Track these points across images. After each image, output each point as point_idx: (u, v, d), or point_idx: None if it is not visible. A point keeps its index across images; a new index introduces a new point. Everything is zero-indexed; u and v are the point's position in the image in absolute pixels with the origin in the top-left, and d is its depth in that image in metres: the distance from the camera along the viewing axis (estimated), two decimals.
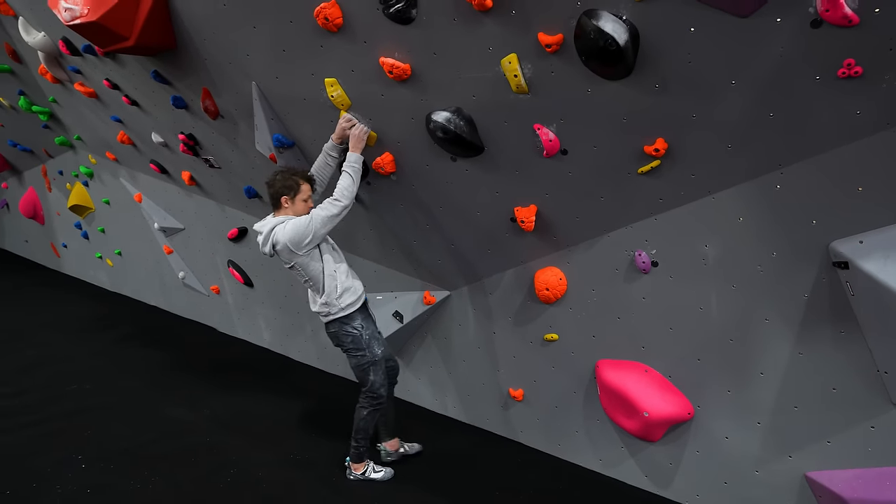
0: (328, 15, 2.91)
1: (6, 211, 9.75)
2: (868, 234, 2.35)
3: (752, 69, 2.28)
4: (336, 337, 3.45)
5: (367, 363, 3.42)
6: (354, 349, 3.41)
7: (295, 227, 3.15)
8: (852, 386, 2.61)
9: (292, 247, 3.15)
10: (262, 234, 3.27)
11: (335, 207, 3.15)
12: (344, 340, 3.42)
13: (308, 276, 3.30)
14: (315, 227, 3.14)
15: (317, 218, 3.14)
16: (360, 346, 3.40)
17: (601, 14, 2.37)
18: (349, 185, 3.17)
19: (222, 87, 3.78)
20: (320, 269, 3.29)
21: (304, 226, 3.14)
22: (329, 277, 3.31)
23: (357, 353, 3.41)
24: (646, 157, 2.71)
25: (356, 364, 3.45)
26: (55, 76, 5.37)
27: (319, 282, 3.31)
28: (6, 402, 4.67)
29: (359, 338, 3.40)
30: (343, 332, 3.40)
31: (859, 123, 2.23)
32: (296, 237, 3.14)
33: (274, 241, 3.20)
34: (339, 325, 3.39)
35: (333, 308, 3.36)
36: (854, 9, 2.01)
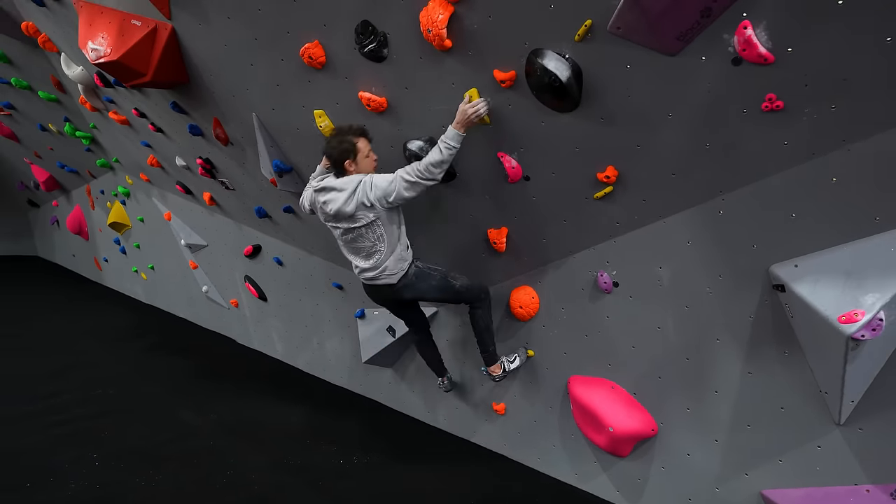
0: (312, 54, 3.20)
1: (56, 227, 10.45)
2: (803, 259, 2.45)
3: (685, 103, 2.44)
4: (412, 280, 3.33)
5: (440, 278, 3.37)
6: (429, 277, 3.35)
7: (381, 182, 3.01)
8: (799, 406, 2.69)
9: (380, 200, 3.02)
10: (344, 193, 3.07)
11: (420, 181, 2.95)
12: (418, 277, 3.33)
13: (390, 231, 3.17)
14: (397, 187, 2.98)
15: (401, 181, 2.97)
16: (431, 272, 3.37)
17: (546, 53, 2.57)
18: (438, 161, 2.89)
19: (229, 117, 4.12)
20: (403, 226, 3.26)
21: (389, 182, 2.99)
22: (405, 235, 3.29)
23: (434, 280, 3.36)
24: (599, 183, 2.88)
25: (439, 288, 3.38)
26: (93, 105, 5.86)
27: (401, 239, 3.24)
28: (37, 403, 5.08)
29: (424, 269, 3.36)
30: (413, 272, 3.32)
31: (787, 153, 2.35)
32: (383, 190, 3.00)
33: (362, 195, 3.02)
34: (410, 271, 3.31)
35: (411, 255, 3.33)
36: (768, 48, 2.16)
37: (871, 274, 2.22)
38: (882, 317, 2.17)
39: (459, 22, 2.69)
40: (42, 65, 6.06)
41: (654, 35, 2.29)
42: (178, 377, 5.78)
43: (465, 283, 3.44)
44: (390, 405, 4.98)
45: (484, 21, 2.63)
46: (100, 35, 3.95)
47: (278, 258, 5.39)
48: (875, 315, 2.16)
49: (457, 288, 3.41)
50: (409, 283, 3.35)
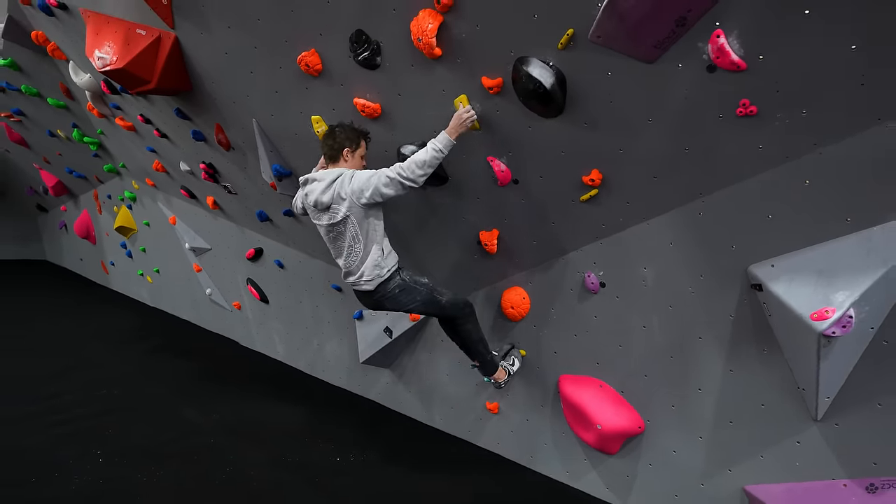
0: (308, 62, 3.31)
1: (64, 231, 10.63)
2: (779, 259, 2.54)
3: (664, 109, 2.53)
4: (394, 293, 3.30)
5: (426, 293, 3.34)
6: (414, 291, 3.32)
7: (360, 176, 3.04)
8: (778, 402, 2.76)
9: (356, 195, 3.03)
10: (323, 182, 3.12)
11: (399, 179, 2.94)
12: (402, 290, 3.30)
13: (366, 232, 3.16)
14: (375, 183, 2.98)
15: (380, 176, 2.98)
16: (416, 286, 3.33)
17: (531, 61, 2.67)
18: (422, 161, 2.90)
19: (231, 123, 4.24)
20: (382, 229, 3.24)
21: (367, 178, 3.01)
22: (386, 238, 3.29)
23: (419, 295, 3.33)
24: (585, 186, 2.97)
25: (424, 303, 3.36)
26: (100, 112, 6.01)
27: (376, 240, 3.21)
28: (42, 403, 5.19)
29: (408, 282, 3.32)
30: (398, 284, 3.29)
31: (762, 157, 2.44)
32: (359, 185, 3.01)
33: (339, 186, 3.06)
34: (392, 280, 3.29)
35: (390, 263, 3.29)
36: (741, 56, 2.25)
37: (842, 273, 2.30)
38: (852, 314, 2.24)
39: (448, 31, 2.79)
40: (51, 72, 6.21)
41: (632, 43, 2.39)
42: (181, 378, 5.88)
43: (450, 298, 3.42)
44: (387, 405, 5.07)
45: (472, 30, 2.74)
46: (106, 44, 4.09)
47: (279, 261, 5.50)
48: (845, 312, 2.24)
49: (442, 303, 3.39)
50: (391, 295, 3.32)
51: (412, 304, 3.37)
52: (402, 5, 2.83)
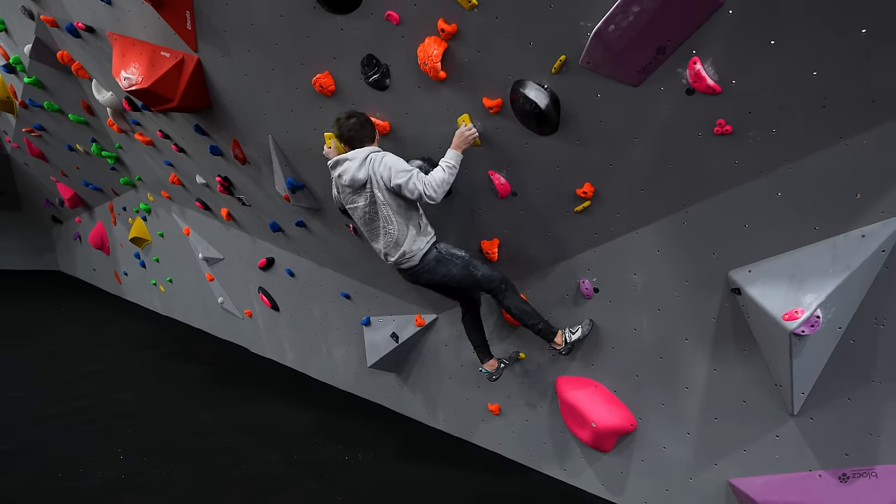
0: (323, 83, 3.58)
1: (79, 242, 10.91)
2: (755, 265, 2.75)
3: (649, 127, 2.77)
4: (431, 265, 3.40)
5: (462, 265, 3.42)
6: (450, 263, 3.41)
7: (396, 160, 3.19)
8: (758, 399, 2.97)
9: (387, 173, 3.16)
10: (356, 160, 3.22)
11: (423, 193, 3.10)
12: (438, 262, 3.39)
13: (400, 211, 3.27)
14: (410, 180, 3.12)
15: (413, 179, 3.11)
16: (453, 258, 3.42)
17: (527, 83, 2.92)
18: (441, 181, 3.11)
19: (247, 139, 4.51)
20: (416, 208, 3.37)
21: (403, 167, 3.16)
22: (422, 213, 3.43)
23: (455, 268, 3.41)
24: (578, 198, 3.20)
25: (460, 276, 3.43)
26: (120, 127, 6.30)
27: (413, 219, 3.33)
28: (66, 405, 5.42)
29: (444, 254, 3.42)
30: (435, 256, 3.39)
31: (738, 171, 2.67)
32: (395, 167, 3.15)
33: (372, 163, 3.19)
34: (430, 252, 3.39)
35: (428, 236, 3.40)
36: (716, 80, 2.49)
37: (811, 277, 2.51)
38: (819, 315, 2.46)
39: (452, 56, 3.05)
40: (73, 90, 6.51)
41: (618, 69, 2.63)
42: (195, 383, 6.11)
43: (486, 272, 3.46)
44: (394, 408, 5.28)
45: (473, 56, 2.99)
46: (132, 65, 4.37)
47: (290, 270, 5.73)
48: (813, 313, 2.45)
49: (477, 276, 3.43)
50: (428, 268, 3.39)
51: (448, 276, 3.43)
52: (410, 32, 3.09)
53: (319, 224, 4.80)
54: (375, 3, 3.09)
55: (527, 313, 3.52)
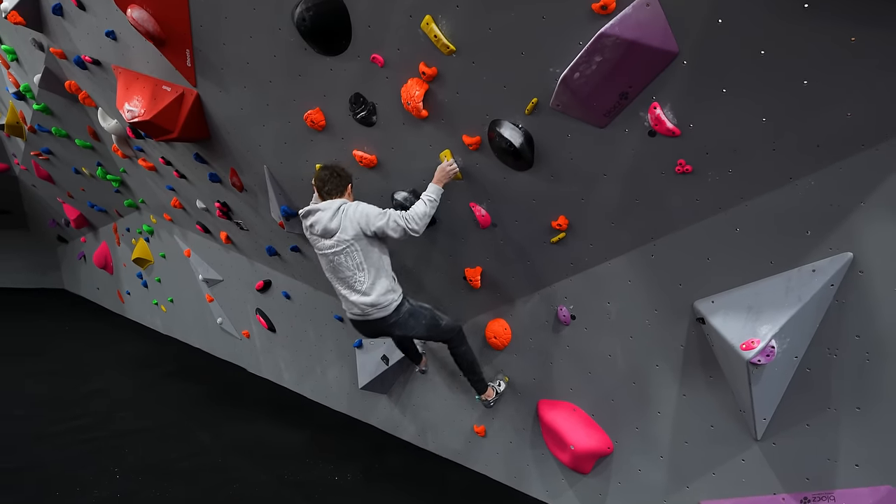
0: (314, 118, 3.77)
1: (83, 262, 11.13)
2: (718, 296, 2.90)
3: (615, 166, 2.93)
4: (405, 318, 3.56)
5: (430, 316, 3.67)
6: (420, 315, 3.63)
7: (370, 207, 3.34)
8: (725, 424, 3.09)
9: (364, 222, 3.30)
10: (328, 211, 3.35)
11: (405, 227, 3.25)
12: (411, 315, 3.58)
13: (371, 261, 3.39)
14: (387, 220, 3.27)
15: (391, 218, 3.27)
16: (422, 310, 3.66)
17: (503, 123, 3.10)
18: (423, 213, 3.26)
19: (244, 168, 4.70)
20: (387, 259, 3.49)
21: (379, 212, 3.32)
22: (390, 268, 3.53)
23: (424, 319, 3.64)
24: (554, 230, 3.36)
25: (427, 326, 3.66)
26: (124, 153, 6.52)
27: (384, 269, 3.45)
28: (67, 423, 5.57)
29: (415, 306, 3.64)
30: (408, 309, 3.57)
31: (699, 207, 2.82)
32: (369, 214, 3.30)
33: (344, 213, 3.33)
34: (403, 305, 3.55)
35: (399, 290, 3.56)
36: (675, 124, 2.66)
37: (766, 308, 2.65)
38: (774, 344, 2.59)
39: (433, 96, 3.23)
40: (80, 117, 6.74)
41: (585, 111, 2.81)
42: (193, 402, 6.25)
43: (449, 322, 3.77)
44: (385, 429, 5.39)
45: (453, 96, 3.17)
46: (135, 97, 4.58)
47: (286, 292, 5.90)
48: (768, 343, 2.58)
49: (443, 327, 3.73)
50: (401, 321, 3.55)
51: (418, 327, 3.64)
52: (394, 74, 3.28)
53: (313, 250, 4.97)
54: (362, 47, 3.28)
55: (474, 364, 3.88)
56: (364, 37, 3.23)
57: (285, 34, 3.45)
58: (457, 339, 3.85)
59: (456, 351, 3.88)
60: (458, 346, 3.86)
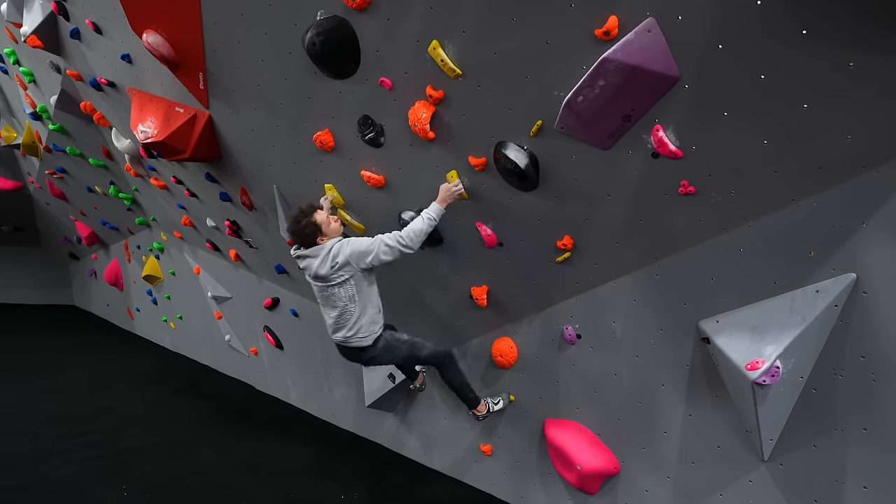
0: (323, 140, 3.84)
1: (94, 278, 11.24)
2: (722, 315, 2.91)
3: (620, 187, 2.97)
4: (380, 351, 3.64)
5: (408, 348, 3.71)
6: (396, 350, 3.68)
7: (359, 243, 3.35)
8: (731, 444, 3.09)
9: (355, 259, 3.33)
10: (318, 258, 3.41)
11: (399, 247, 3.29)
12: (387, 349, 3.64)
13: (362, 293, 3.45)
14: (377, 249, 3.31)
15: (381, 244, 3.31)
16: (398, 344, 3.70)
17: (508, 144, 3.15)
18: (419, 230, 3.29)
19: (254, 187, 4.78)
20: (376, 290, 3.55)
21: (368, 245, 3.33)
22: (378, 299, 3.59)
23: (400, 353, 3.70)
24: (559, 249, 3.39)
25: (405, 356, 3.74)
26: (137, 172, 6.63)
27: (370, 301, 3.52)
28: (74, 440, 5.61)
29: (390, 341, 3.68)
30: (384, 344, 3.63)
31: (703, 228, 2.85)
32: (360, 251, 3.33)
33: (335, 256, 3.35)
34: (380, 340, 3.61)
35: (381, 321, 3.62)
36: (677, 146, 2.70)
37: (771, 329, 2.67)
38: (779, 365, 2.60)
39: (440, 119, 3.29)
40: (94, 137, 6.88)
41: (589, 134, 2.85)
42: (200, 419, 6.28)
43: (430, 350, 3.77)
44: (391, 447, 5.39)
45: (459, 119, 3.23)
46: (149, 119, 4.69)
47: (294, 310, 5.94)
48: (773, 364, 2.59)
49: (422, 357, 3.77)
50: (378, 354, 3.65)
51: (395, 359, 3.77)
52: (401, 97, 3.35)
53: None
54: (370, 71, 3.36)
55: (464, 386, 3.87)
56: (373, 61, 3.31)
57: (296, 58, 3.54)
58: (443, 366, 3.83)
59: (444, 374, 3.88)
60: (444, 372, 3.86)
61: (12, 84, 7.71)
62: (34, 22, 5.33)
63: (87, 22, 4.73)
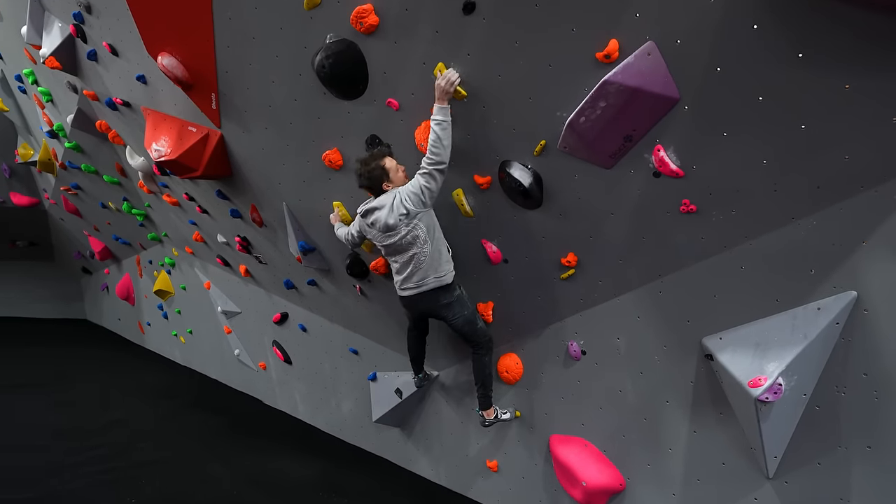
0: (331, 158, 3.92)
1: (106, 293, 11.38)
2: (725, 332, 2.94)
3: (622, 205, 3.02)
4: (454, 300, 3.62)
5: (473, 311, 3.74)
6: (466, 306, 3.68)
7: (411, 188, 3.32)
8: (736, 461, 3.09)
9: (421, 198, 3.30)
10: (385, 208, 3.40)
11: (430, 169, 3.21)
12: (459, 300, 3.64)
13: (433, 233, 3.44)
14: (420, 185, 3.26)
15: (419, 180, 3.27)
16: (468, 302, 3.72)
17: (513, 164, 3.21)
18: (435, 139, 3.14)
19: (264, 204, 4.86)
20: (440, 230, 3.51)
21: (413, 187, 3.30)
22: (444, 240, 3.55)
23: (467, 311, 3.68)
24: (563, 266, 3.44)
25: (468, 319, 3.68)
26: (150, 189, 6.76)
27: (441, 241, 3.51)
28: (85, 454, 5.67)
29: (464, 294, 3.70)
30: (458, 294, 3.64)
31: (705, 246, 2.89)
32: (414, 192, 3.29)
33: (400, 204, 3.33)
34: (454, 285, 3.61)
35: (452, 263, 3.60)
36: (678, 165, 2.74)
37: (773, 346, 2.69)
38: (781, 382, 2.62)
39: None
40: (109, 154, 7.03)
41: (591, 153, 2.91)
42: (209, 433, 6.33)
43: (485, 327, 3.81)
44: (398, 462, 5.41)
45: (465, 139, 3.30)
46: (162, 137, 4.79)
47: (303, 325, 6.00)
48: (775, 380, 2.61)
49: (478, 326, 3.74)
50: (454, 301, 3.61)
51: (460, 317, 3.65)
52: (408, 117, 3.43)
53: (329, 284, 5.09)
54: (378, 92, 3.45)
55: (488, 378, 3.87)
56: (380, 82, 3.40)
57: (306, 79, 3.63)
58: (484, 347, 3.80)
59: (478, 358, 3.82)
60: (482, 354, 3.80)
61: (30, 103, 7.89)
62: (53, 44, 5.49)
63: (104, 44, 4.87)
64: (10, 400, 7.27)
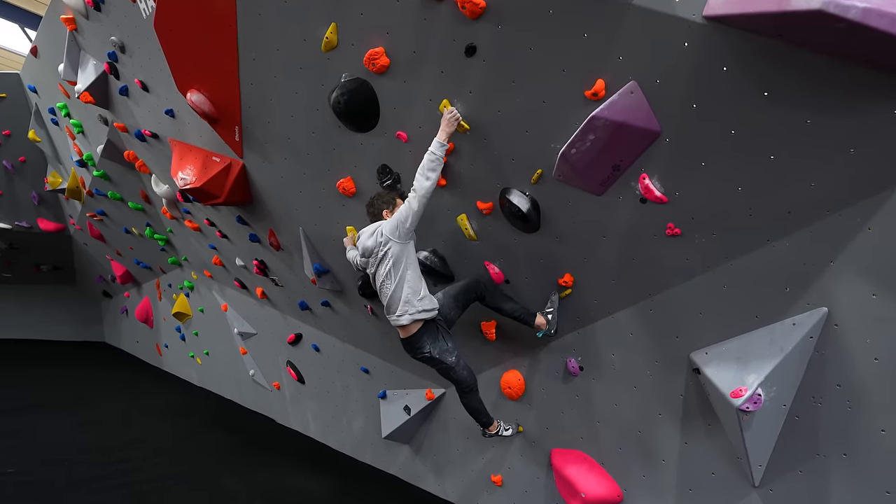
0: (345, 186, 4.22)
1: (125, 316, 11.71)
2: (711, 347, 3.14)
3: (613, 229, 3.26)
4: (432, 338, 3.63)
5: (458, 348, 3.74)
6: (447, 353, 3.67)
7: (396, 215, 3.45)
8: (725, 471, 3.26)
9: (397, 229, 3.41)
10: (366, 232, 3.60)
11: (418, 196, 3.33)
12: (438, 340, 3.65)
13: (409, 271, 3.51)
14: (411, 208, 3.36)
15: (408, 204, 3.39)
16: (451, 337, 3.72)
17: (512, 191, 3.47)
18: (424, 169, 3.30)
19: (281, 229, 5.16)
20: (416, 272, 3.57)
21: (399, 213, 3.44)
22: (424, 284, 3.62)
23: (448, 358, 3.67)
24: (561, 287, 3.67)
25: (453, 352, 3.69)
26: (172, 215, 7.10)
27: (419, 280, 3.57)
28: (105, 468, 5.89)
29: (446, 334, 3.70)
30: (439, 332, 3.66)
31: (690, 266, 3.11)
32: (399, 219, 3.41)
33: (380, 232, 3.49)
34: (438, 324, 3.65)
35: (435, 305, 3.62)
36: (662, 192, 2.99)
37: (753, 359, 2.88)
38: (760, 392, 2.81)
39: (451, 168, 3.64)
40: (134, 182, 7.40)
41: (583, 181, 3.17)
42: (225, 450, 6.54)
43: (466, 365, 3.88)
44: (406, 479, 5.58)
45: (468, 168, 3.58)
46: (188, 167, 5.13)
47: (316, 345, 6.24)
48: (755, 391, 2.80)
49: (462, 364, 3.74)
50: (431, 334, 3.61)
51: (445, 351, 3.66)
52: (416, 148, 3.70)
53: (342, 304, 5.35)
54: (388, 125, 3.74)
55: (478, 411, 3.95)
56: (390, 117, 3.70)
57: (322, 114, 3.94)
58: (469, 388, 3.88)
59: (468, 397, 3.93)
60: (469, 393, 3.90)
61: (62, 134, 8.34)
62: (87, 80, 5.90)
63: (136, 81, 5.25)
64: (33, 420, 7.54)
